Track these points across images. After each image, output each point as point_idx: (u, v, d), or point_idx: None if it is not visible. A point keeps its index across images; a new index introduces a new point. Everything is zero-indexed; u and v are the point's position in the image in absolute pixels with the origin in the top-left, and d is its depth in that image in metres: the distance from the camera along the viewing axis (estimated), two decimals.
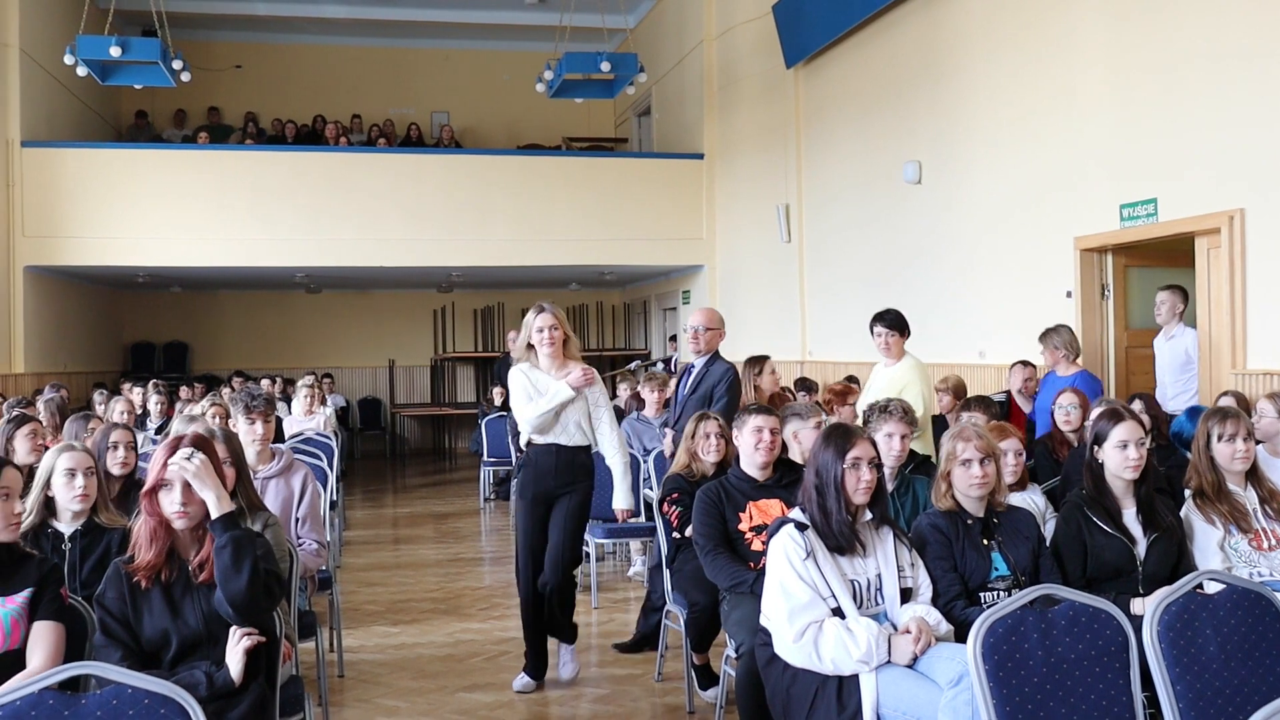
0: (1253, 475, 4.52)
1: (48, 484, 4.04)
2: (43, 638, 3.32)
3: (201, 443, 3.48)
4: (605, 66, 13.39)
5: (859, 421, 5.97)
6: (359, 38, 19.06)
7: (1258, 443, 5.17)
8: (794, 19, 13.16)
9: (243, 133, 17.71)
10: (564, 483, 5.63)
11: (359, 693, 5.67)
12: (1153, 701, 3.25)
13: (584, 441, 5.71)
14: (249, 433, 5.30)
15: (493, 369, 16.39)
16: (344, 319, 19.46)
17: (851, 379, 9.81)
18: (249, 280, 17.41)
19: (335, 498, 8.55)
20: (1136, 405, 6.14)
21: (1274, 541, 4.31)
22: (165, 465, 3.36)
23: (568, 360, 5.67)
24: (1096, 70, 8.71)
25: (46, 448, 5.44)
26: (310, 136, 17.95)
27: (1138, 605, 3.90)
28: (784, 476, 4.90)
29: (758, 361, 8.50)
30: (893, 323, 7.23)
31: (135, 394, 10.88)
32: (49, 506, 4.05)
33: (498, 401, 13.43)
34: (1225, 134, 7.48)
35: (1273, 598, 3.34)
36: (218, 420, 6.65)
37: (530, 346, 5.68)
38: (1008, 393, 8.73)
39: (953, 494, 4.11)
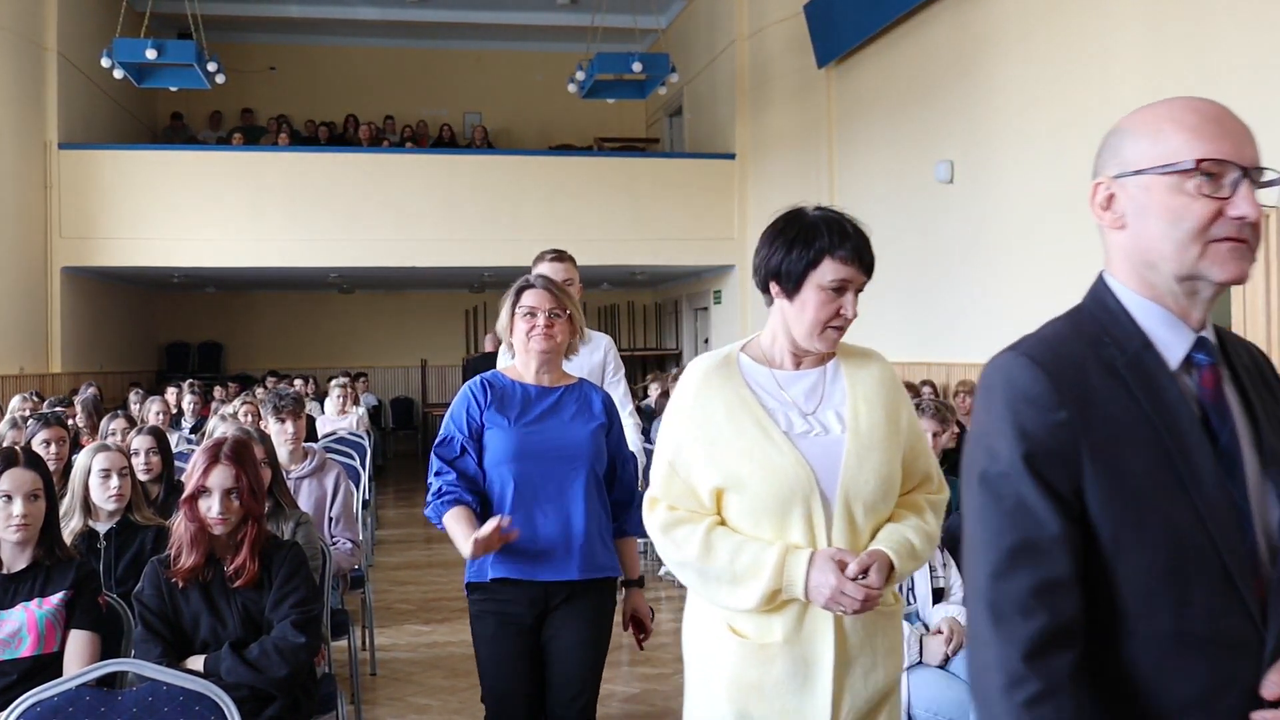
0: None
1: (85, 484, 4.08)
2: (80, 648, 3.34)
3: (241, 446, 3.52)
4: (637, 67, 13.40)
5: None
6: (391, 39, 19.16)
7: None
8: (825, 19, 13.13)
9: (275, 134, 17.84)
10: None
11: (391, 691, 5.70)
12: None
13: None
14: (280, 432, 5.34)
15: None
16: (377, 319, 19.56)
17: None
18: (283, 280, 17.53)
19: (368, 497, 8.59)
20: None
21: None
22: (206, 472, 3.39)
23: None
24: (1131, 68, 8.64)
25: (68, 450, 5.49)
26: (343, 138, 18.05)
27: None
28: None
29: None
30: None
31: (170, 394, 10.97)
32: (86, 506, 4.09)
33: None
34: (1260, 135, 7.40)
35: None
36: (250, 419, 6.70)
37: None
38: None
39: None
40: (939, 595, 3.81)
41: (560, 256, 4.75)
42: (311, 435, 8.58)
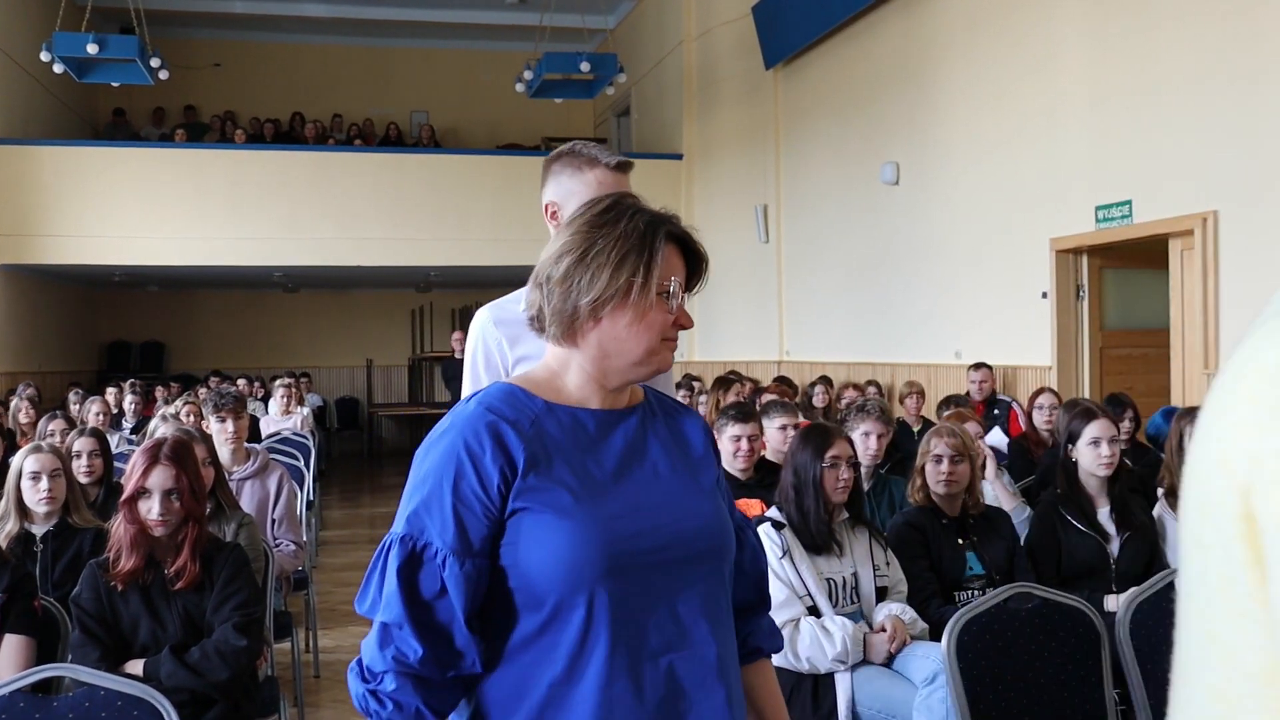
0: None
1: (18, 487, 4.01)
2: (14, 653, 3.28)
3: (181, 446, 3.47)
4: (585, 67, 13.39)
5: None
6: (338, 36, 19.01)
7: None
8: (773, 20, 13.19)
9: (220, 131, 17.64)
10: None
11: (335, 693, 5.66)
12: (1124, 698, 3.27)
13: None
14: (221, 431, 5.29)
15: (442, 370, 15.92)
16: (322, 318, 19.40)
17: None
18: (226, 279, 17.33)
19: (312, 498, 8.52)
20: (1115, 405, 6.18)
21: None
22: (145, 473, 3.35)
23: None
24: (1076, 74, 8.75)
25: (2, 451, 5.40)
26: (289, 136, 17.89)
27: (1111, 603, 3.93)
28: (765, 477, 4.90)
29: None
30: None
31: (110, 394, 10.83)
32: (22, 509, 4.03)
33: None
34: (1199, 138, 7.53)
35: None
36: (191, 419, 6.62)
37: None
38: (1010, 400, 8.78)
39: (927, 490, 4.14)
40: (882, 594, 3.84)
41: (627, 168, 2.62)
42: (255, 435, 8.50)
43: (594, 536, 1.62)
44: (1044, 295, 9.06)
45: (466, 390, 2.62)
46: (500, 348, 2.61)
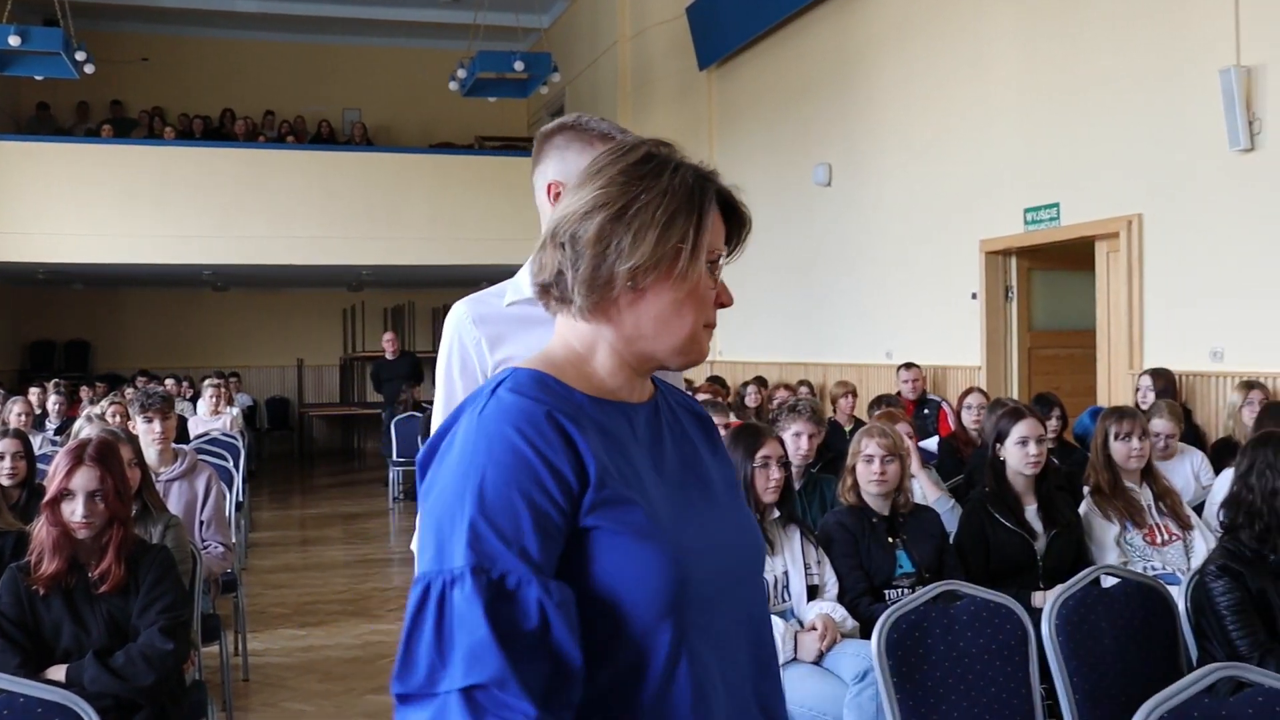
0: (1148, 473, 4.65)
1: None
2: None
3: (106, 447, 3.42)
4: (519, 66, 13.37)
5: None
6: (270, 33, 18.75)
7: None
8: (707, 21, 13.23)
9: (149, 127, 17.36)
10: None
11: (265, 697, 5.59)
12: (1051, 693, 3.32)
13: None
14: (147, 432, 5.21)
15: (370, 372, 15.56)
16: (252, 317, 19.14)
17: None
18: (154, 278, 17.06)
19: (241, 499, 8.42)
20: (1042, 405, 6.27)
21: (1167, 536, 4.43)
22: (69, 474, 3.29)
23: None
24: (1006, 75, 8.87)
25: None
26: (219, 132, 17.65)
27: (1038, 599, 3.99)
28: None
29: None
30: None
31: (33, 394, 10.61)
32: None
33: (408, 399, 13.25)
34: (1125, 142, 7.68)
35: (1165, 591, 3.44)
36: (117, 420, 6.52)
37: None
38: (940, 399, 8.87)
39: (858, 489, 4.18)
40: (813, 593, 3.87)
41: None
42: (183, 436, 8.38)
43: (675, 561, 1.35)
44: (973, 296, 9.18)
45: (441, 403, 2.32)
46: (479, 349, 2.31)
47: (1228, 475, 4.18)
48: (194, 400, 12.51)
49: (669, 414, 1.54)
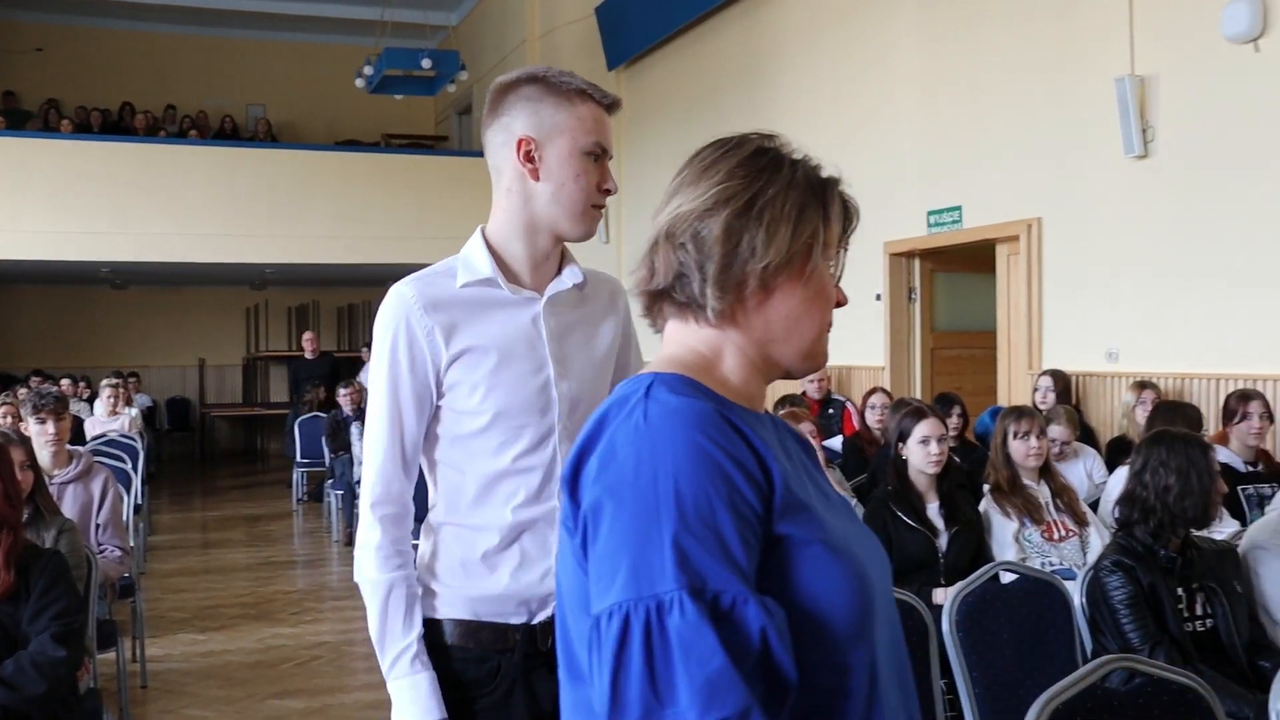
0: (1045, 471, 4.76)
1: None
2: None
3: None
4: (426, 63, 13.28)
5: None
6: (171, 25, 18.35)
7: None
8: (616, 21, 13.25)
9: (44, 120, 16.92)
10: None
11: (164, 704, 5.48)
12: (951, 688, 3.38)
13: None
14: (40, 433, 5.08)
15: (288, 373, 15.54)
16: (151, 316, 18.73)
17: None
18: (49, 274, 16.62)
19: (140, 501, 8.25)
20: (943, 404, 6.38)
21: (1064, 533, 4.54)
22: None
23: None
24: (909, 75, 9.01)
25: None
26: (118, 126, 17.25)
27: (939, 595, 4.05)
28: None
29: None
30: None
31: None
32: None
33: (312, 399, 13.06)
34: (1025, 148, 7.84)
35: (1061, 586, 3.52)
36: (9, 421, 6.35)
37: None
38: (845, 399, 8.95)
39: None
40: None
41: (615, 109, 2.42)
42: (79, 438, 8.19)
43: (861, 574, 1.24)
44: (878, 297, 9.30)
45: (383, 404, 2.00)
46: (432, 340, 1.99)
47: (1121, 473, 4.29)
48: (91, 401, 12.23)
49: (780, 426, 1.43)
